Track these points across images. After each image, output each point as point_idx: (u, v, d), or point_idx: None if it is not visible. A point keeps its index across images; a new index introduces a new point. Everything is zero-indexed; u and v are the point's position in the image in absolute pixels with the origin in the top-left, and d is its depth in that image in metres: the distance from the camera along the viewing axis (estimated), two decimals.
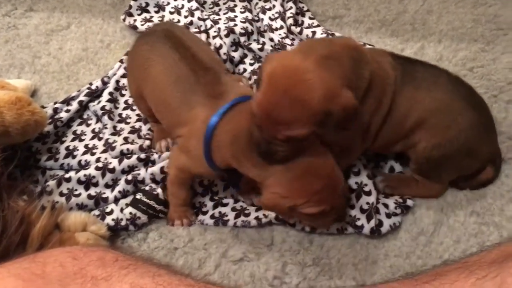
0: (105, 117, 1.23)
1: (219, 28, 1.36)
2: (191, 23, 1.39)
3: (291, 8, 1.40)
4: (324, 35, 1.29)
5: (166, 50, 1.04)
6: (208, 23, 1.39)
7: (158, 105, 1.08)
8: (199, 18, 1.39)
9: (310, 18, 1.41)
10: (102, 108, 1.24)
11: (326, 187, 0.87)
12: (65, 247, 0.71)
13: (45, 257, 0.70)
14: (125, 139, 1.19)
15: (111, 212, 1.10)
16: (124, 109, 1.28)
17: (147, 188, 1.10)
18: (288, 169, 0.87)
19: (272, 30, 1.36)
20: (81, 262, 0.70)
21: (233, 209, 1.10)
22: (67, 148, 1.21)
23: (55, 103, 1.30)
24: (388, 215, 1.05)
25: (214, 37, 1.34)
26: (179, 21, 1.45)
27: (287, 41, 1.32)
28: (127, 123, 1.24)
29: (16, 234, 0.86)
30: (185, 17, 1.44)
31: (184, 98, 0.99)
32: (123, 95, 1.31)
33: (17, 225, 0.87)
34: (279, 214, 1.00)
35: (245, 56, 1.35)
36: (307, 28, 1.34)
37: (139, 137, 1.21)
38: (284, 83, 0.79)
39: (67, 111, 1.26)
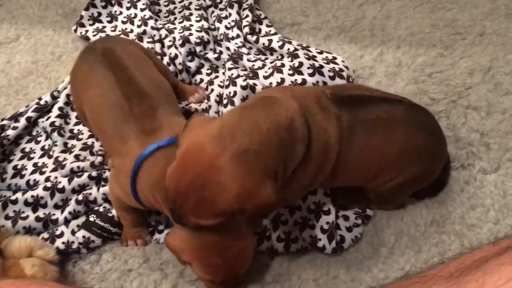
0: (55, 134, 1.17)
1: (174, 38, 1.32)
2: (144, 32, 1.34)
3: (247, 16, 1.37)
4: (281, 43, 1.25)
5: (103, 71, 0.98)
6: (163, 32, 1.34)
7: (95, 129, 1.04)
8: (152, 28, 1.35)
9: (268, 26, 1.38)
10: (52, 124, 1.19)
11: (225, 266, 0.85)
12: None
13: None
14: (76, 156, 1.13)
15: (61, 234, 1.04)
16: (76, 124, 1.23)
17: (100, 209, 1.06)
18: (200, 233, 0.81)
19: (229, 39, 1.33)
20: None
21: None
22: (14, 167, 1.15)
23: (2, 119, 1.23)
24: (349, 229, 1.03)
25: (169, 47, 1.30)
26: (132, 30, 1.40)
27: (244, 50, 1.29)
28: (79, 139, 1.19)
29: None
30: (138, 26, 1.39)
31: (117, 128, 0.93)
32: (74, 110, 1.25)
33: None
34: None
35: (202, 66, 1.31)
36: (263, 36, 1.31)
37: (92, 153, 1.16)
38: (195, 174, 0.72)
39: (15, 128, 1.20)
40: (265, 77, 1.19)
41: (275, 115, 0.77)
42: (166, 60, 1.28)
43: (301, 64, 1.17)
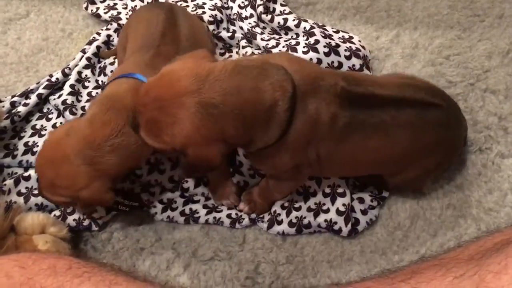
0: (67, 112, 1.15)
1: None
2: None
3: None
4: (297, 21, 1.23)
5: (158, 12, 1.07)
6: None
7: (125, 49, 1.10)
8: None
9: (282, 5, 1.35)
10: (64, 102, 1.17)
11: None
12: (12, 255, 0.65)
13: None
14: None
15: (73, 211, 1.04)
16: (87, 101, 1.21)
17: None
18: None
19: (242, 18, 1.30)
20: (30, 271, 0.64)
21: (205, 206, 1.05)
22: (25, 144, 1.14)
23: (13, 96, 1.22)
24: (364, 212, 1.02)
25: None
26: None
27: (257, 29, 1.26)
28: None
29: None
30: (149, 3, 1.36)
31: (137, 52, 1.02)
32: (86, 87, 1.24)
33: None
34: None
35: (215, 45, 1.29)
36: (278, 15, 1.28)
37: None
38: (161, 96, 0.74)
39: (25, 104, 1.19)
40: None
41: (261, 90, 0.75)
42: None
43: (317, 41, 1.14)
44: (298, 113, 0.78)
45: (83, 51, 1.29)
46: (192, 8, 1.31)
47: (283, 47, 1.17)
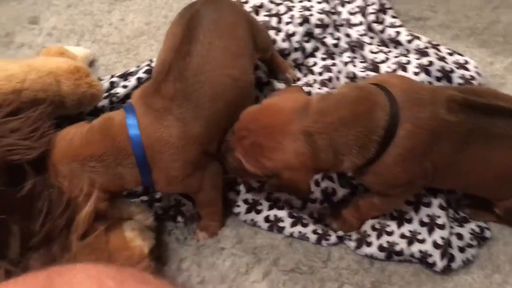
0: None
1: (292, 15, 1.26)
2: (261, 6, 1.29)
3: (373, 3, 1.29)
4: (410, 37, 1.17)
5: (178, 31, 0.94)
6: (282, 8, 1.29)
7: None
8: (270, 1, 1.30)
9: (392, 17, 1.29)
10: None
11: None
12: (91, 267, 0.54)
13: (61, 282, 0.54)
14: None
15: (160, 199, 1.04)
16: None
17: None
18: None
19: (350, 25, 1.25)
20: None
21: (290, 215, 1.02)
22: None
23: (112, 76, 1.24)
24: (462, 249, 0.95)
25: (287, 23, 1.24)
26: (247, 1, 1.34)
27: (366, 38, 1.21)
28: None
29: (61, 218, 0.80)
30: None
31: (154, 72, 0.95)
32: None
33: (63, 208, 0.81)
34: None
35: (317, 49, 1.25)
36: (390, 27, 1.23)
37: None
38: (266, 123, 0.80)
39: (124, 86, 1.20)
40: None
41: (361, 116, 0.79)
42: (281, 35, 1.23)
43: (430, 63, 1.08)
44: (402, 127, 0.79)
45: None
46: (299, 9, 1.28)
47: (393, 63, 1.12)
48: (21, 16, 1.41)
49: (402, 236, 0.97)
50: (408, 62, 1.11)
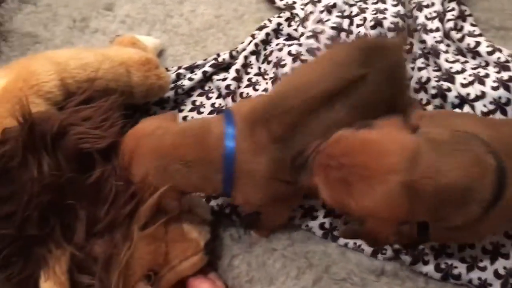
0: (229, 99, 1.16)
1: (365, 18, 1.22)
2: (334, 5, 1.26)
3: (453, 9, 1.22)
4: (490, 49, 1.10)
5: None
6: (354, 9, 1.25)
7: None
8: (344, 2, 1.26)
9: (472, 25, 1.22)
10: (227, 87, 1.18)
11: None
12: None
13: None
14: None
15: (216, 196, 1.05)
16: (246, 86, 1.21)
17: None
18: None
19: (427, 31, 1.20)
20: None
21: (346, 223, 1.00)
22: (184, 118, 1.17)
23: (179, 68, 1.26)
24: None
25: (358, 26, 1.21)
26: (320, 0, 1.31)
27: (442, 46, 1.15)
28: None
29: (125, 208, 0.82)
30: None
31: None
32: (248, 73, 1.24)
33: (128, 199, 0.83)
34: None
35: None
36: (468, 35, 1.16)
37: None
38: (363, 161, 0.69)
39: (190, 79, 1.22)
40: (463, 85, 1.05)
41: (461, 169, 0.69)
42: (352, 38, 1.20)
43: (511, 78, 1.01)
44: (504, 183, 0.71)
45: (252, 36, 1.29)
46: (372, 11, 1.24)
47: (470, 75, 1.06)
48: (97, 1, 1.46)
49: (462, 260, 0.93)
50: (487, 76, 1.05)
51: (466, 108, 1.05)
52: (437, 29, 1.19)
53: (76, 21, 1.41)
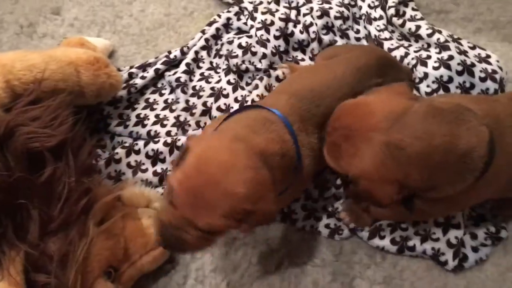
0: (178, 90, 1.17)
1: (311, 8, 1.25)
2: None
3: None
4: (430, 31, 1.14)
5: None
6: (301, 0, 1.28)
7: None
8: None
9: (413, 9, 1.27)
10: (177, 80, 1.19)
11: None
12: None
13: None
14: (197, 123, 1.13)
15: None
16: (199, 80, 1.22)
17: None
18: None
19: (370, 20, 1.24)
20: None
21: (304, 207, 1.03)
22: (138, 116, 1.17)
23: (131, 67, 1.25)
24: (475, 249, 0.95)
25: (304, 15, 1.24)
26: None
27: (385, 34, 1.20)
28: (200, 97, 1.17)
29: (78, 205, 0.82)
30: None
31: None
32: (200, 67, 1.25)
33: (81, 195, 0.83)
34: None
35: (335, 42, 1.24)
36: (410, 20, 1.20)
37: (210, 118, 1.14)
38: (351, 121, 0.73)
39: (143, 77, 1.22)
40: None
41: (456, 137, 0.70)
42: (299, 27, 1.23)
43: (450, 57, 1.06)
44: (498, 156, 0.73)
45: (203, 32, 1.30)
46: (318, 1, 1.27)
47: (412, 59, 1.10)
48: (44, 6, 1.43)
49: (416, 233, 0.97)
50: (429, 57, 1.09)
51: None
52: (380, 17, 1.24)
53: (23, 26, 1.39)
